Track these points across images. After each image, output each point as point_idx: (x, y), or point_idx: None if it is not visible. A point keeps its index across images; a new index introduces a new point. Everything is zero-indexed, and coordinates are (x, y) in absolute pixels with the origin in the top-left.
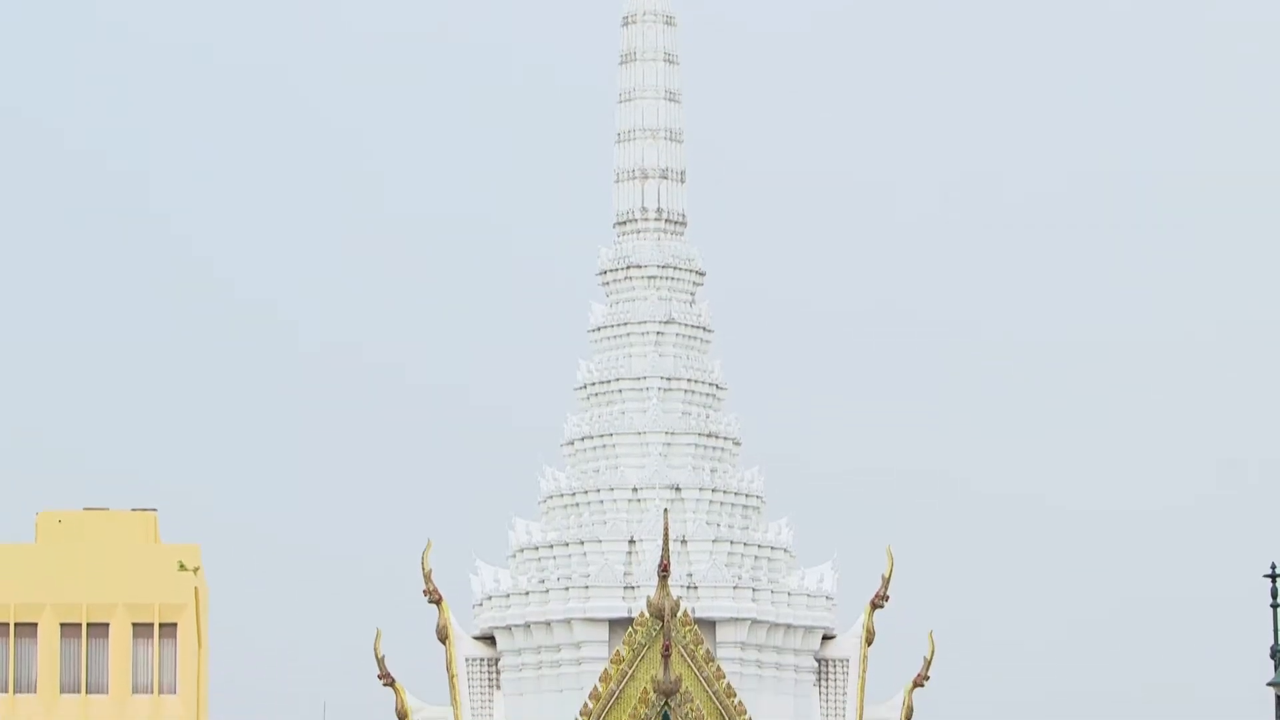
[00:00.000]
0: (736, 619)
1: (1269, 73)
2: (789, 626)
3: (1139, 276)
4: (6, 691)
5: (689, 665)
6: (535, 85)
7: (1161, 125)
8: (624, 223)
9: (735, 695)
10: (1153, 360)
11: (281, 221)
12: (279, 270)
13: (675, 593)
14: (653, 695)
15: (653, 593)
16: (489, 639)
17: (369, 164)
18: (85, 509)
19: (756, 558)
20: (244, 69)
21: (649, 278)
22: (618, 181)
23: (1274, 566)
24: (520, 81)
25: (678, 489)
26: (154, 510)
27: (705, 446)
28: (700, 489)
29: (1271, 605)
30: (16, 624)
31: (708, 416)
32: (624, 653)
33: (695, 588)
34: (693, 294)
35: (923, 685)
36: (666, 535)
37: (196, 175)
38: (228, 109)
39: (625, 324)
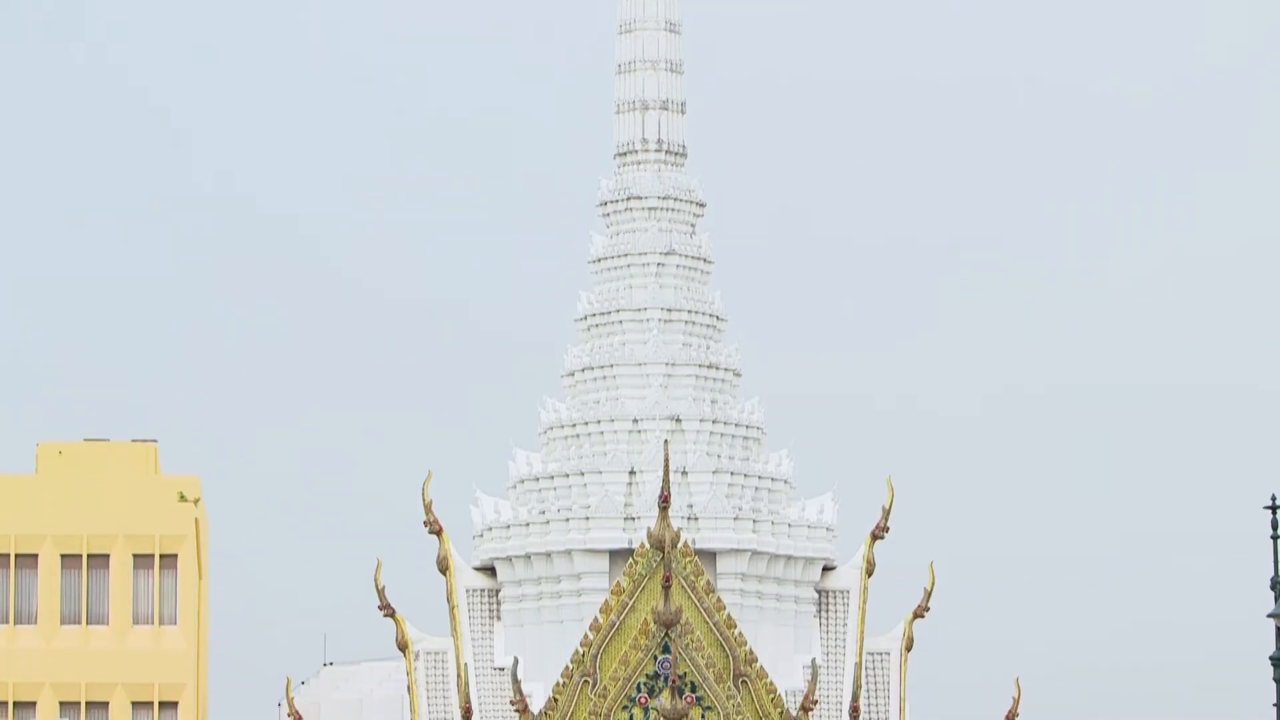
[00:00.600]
0: (737, 550)
1: None
2: (789, 558)
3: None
4: (7, 623)
5: (689, 596)
6: (537, 16)
7: None
8: (624, 154)
9: (736, 626)
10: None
11: (288, 143)
12: (282, 195)
13: (675, 524)
14: (653, 626)
15: (653, 524)
16: (489, 570)
17: (376, 85)
18: (85, 440)
19: (757, 489)
20: None
21: (649, 209)
22: (618, 113)
23: (1274, 498)
24: (522, 13)
25: (678, 420)
26: (154, 441)
27: (705, 378)
28: (700, 420)
29: (1272, 537)
30: (17, 555)
31: (708, 348)
32: (624, 584)
33: (696, 519)
34: (693, 225)
35: (923, 616)
36: (667, 466)
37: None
38: (238, 24)
39: (626, 255)
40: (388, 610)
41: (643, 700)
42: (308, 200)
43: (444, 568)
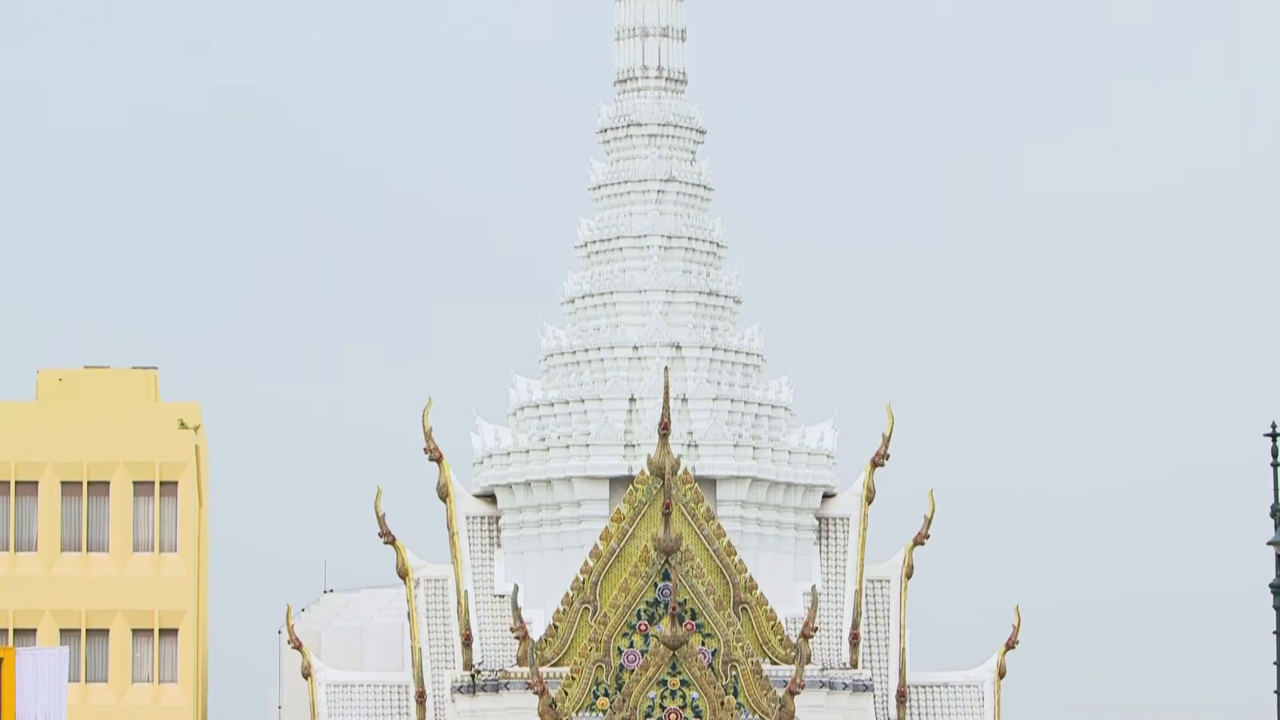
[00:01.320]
0: (737, 477)
1: None
2: (789, 485)
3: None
4: (7, 550)
5: (689, 523)
6: None
7: None
8: (624, 81)
9: (735, 553)
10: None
11: (298, 64)
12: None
13: (675, 451)
14: (653, 553)
15: (653, 451)
16: (489, 497)
17: (387, 9)
18: (85, 367)
19: (757, 416)
20: None
21: (649, 136)
22: (618, 40)
23: (1274, 426)
24: None
25: (678, 347)
26: (154, 368)
27: (705, 305)
28: (701, 347)
29: (1272, 464)
30: (17, 482)
31: (708, 275)
32: (624, 511)
33: (695, 446)
34: (693, 152)
35: (923, 544)
36: (667, 393)
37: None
38: None
39: (626, 182)
40: (388, 537)
41: (643, 627)
42: (313, 122)
43: (444, 495)
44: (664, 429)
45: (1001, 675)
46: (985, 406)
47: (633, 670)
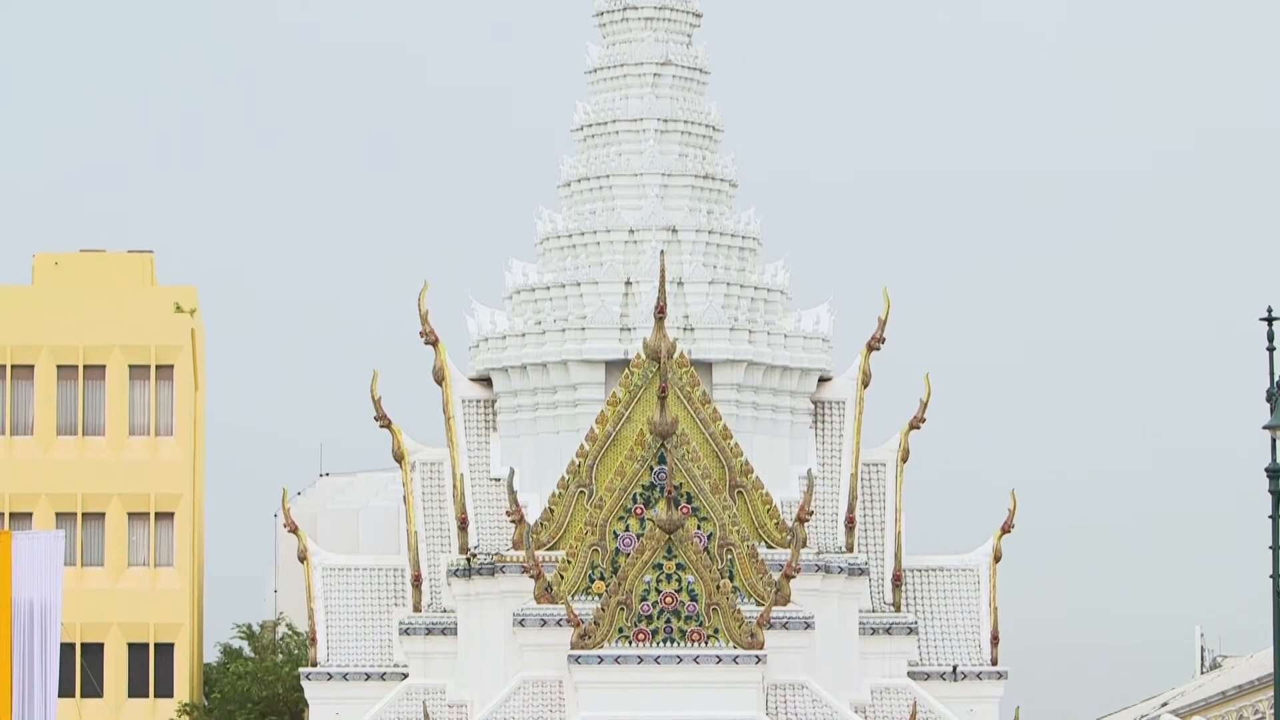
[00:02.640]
0: (733, 361)
1: None
2: (785, 369)
3: None
4: (4, 433)
5: (685, 407)
6: None
7: None
8: None
9: (731, 437)
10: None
11: None
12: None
13: (671, 334)
14: (649, 437)
15: (649, 334)
16: (485, 381)
17: None
18: (81, 251)
19: (753, 300)
20: None
21: (645, 19)
22: None
23: (1269, 310)
24: None
25: (674, 231)
26: (150, 252)
27: (702, 189)
28: (697, 231)
29: (1268, 349)
30: (13, 366)
31: (704, 158)
32: (620, 395)
33: (692, 329)
34: (689, 35)
35: (919, 427)
36: (663, 277)
37: None
38: None
39: (622, 65)
40: (384, 421)
41: (638, 511)
42: (305, 9)
43: (440, 378)
44: (660, 312)
45: (997, 559)
46: (981, 284)
47: (628, 554)
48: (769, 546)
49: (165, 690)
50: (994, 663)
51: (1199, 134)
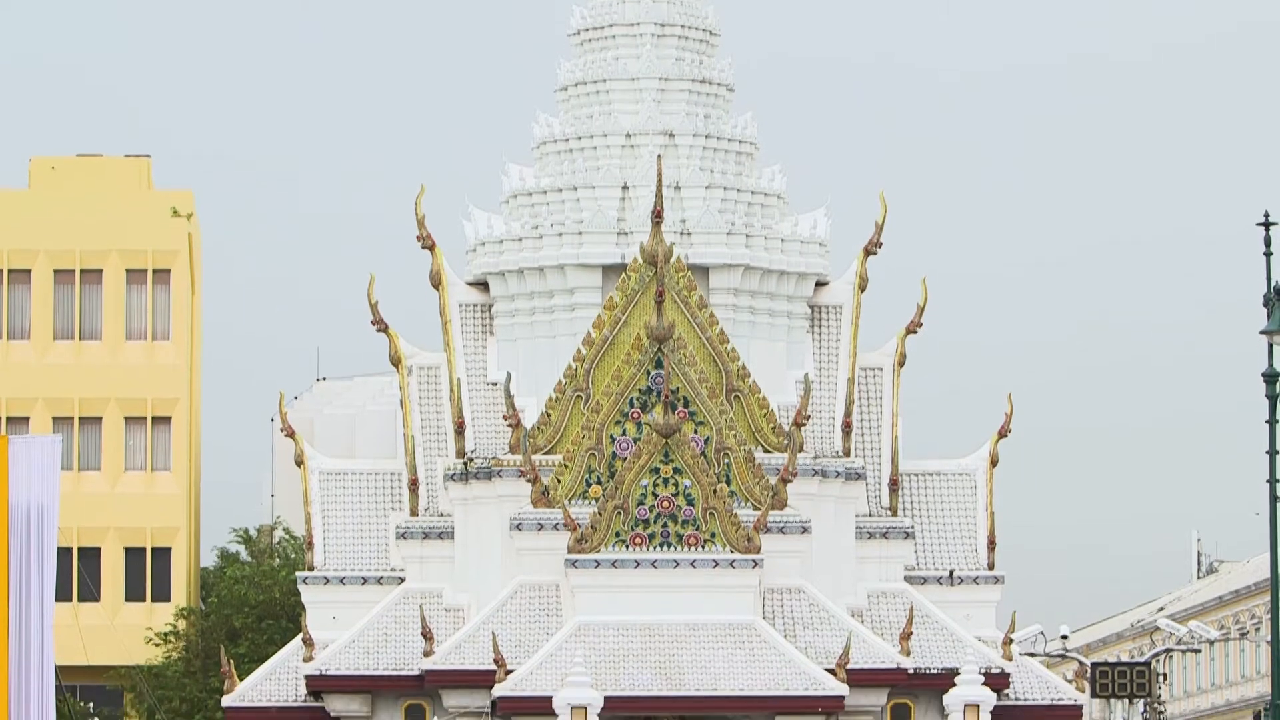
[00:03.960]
0: (729, 265)
1: None
2: (782, 273)
3: None
4: (0, 338)
5: (682, 311)
6: None
7: None
8: None
9: (728, 341)
10: None
11: None
12: None
13: (668, 239)
14: (646, 341)
15: (646, 239)
16: (482, 285)
17: None
18: (78, 155)
19: (750, 204)
20: None
21: None
22: None
23: (1266, 215)
24: None
25: (671, 135)
26: (147, 156)
27: (699, 93)
28: (694, 135)
29: (1265, 253)
30: (10, 270)
31: (701, 63)
32: (617, 299)
33: (688, 234)
34: None
35: (916, 332)
36: (660, 181)
37: None
38: None
39: None
40: (381, 325)
41: (635, 415)
42: None
43: (437, 282)
44: (657, 217)
45: (994, 463)
46: (978, 188)
47: (625, 458)
48: (766, 451)
49: (162, 594)
50: (991, 567)
51: (1203, 32)
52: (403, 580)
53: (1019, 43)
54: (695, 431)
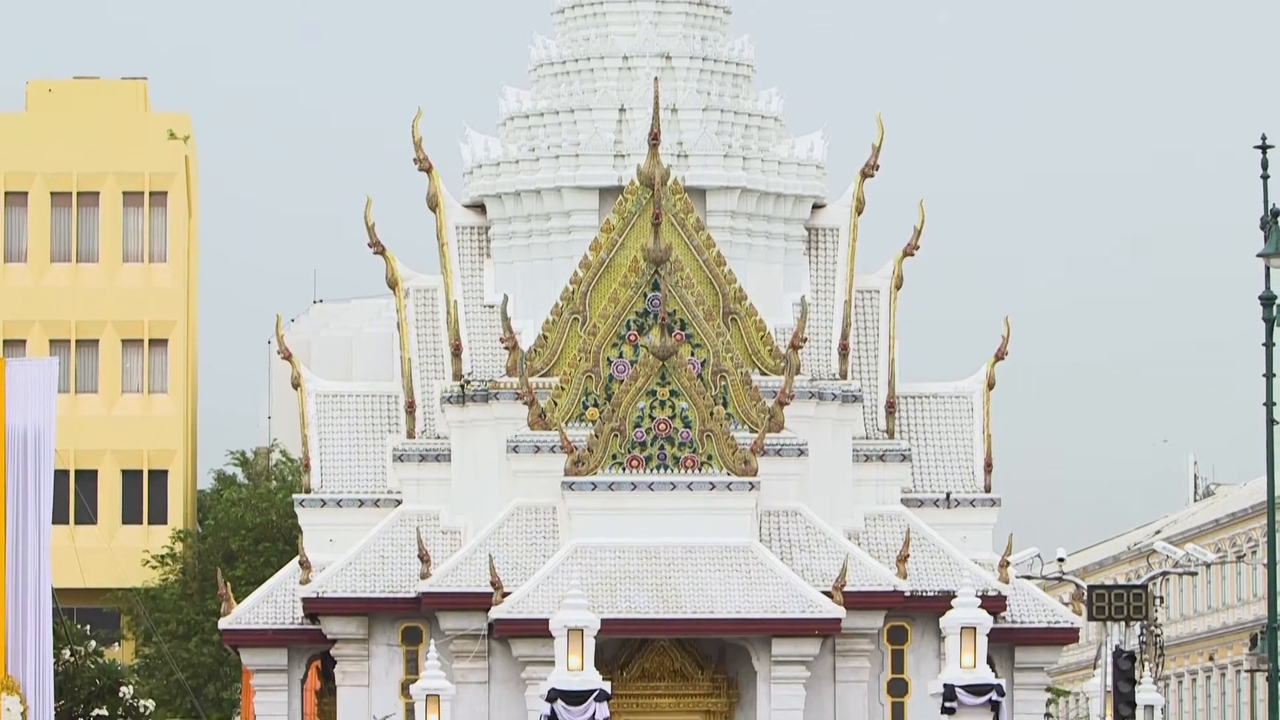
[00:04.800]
0: (726, 188)
1: None
2: (779, 195)
3: None
4: None
5: (679, 234)
6: None
7: None
8: None
9: (725, 264)
10: None
11: None
12: None
13: (665, 161)
14: (643, 264)
15: (643, 161)
16: (479, 207)
17: None
18: (75, 77)
19: (747, 126)
20: None
21: None
22: None
23: (1263, 138)
24: None
25: (668, 57)
26: (144, 79)
27: (695, 15)
28: (691, 57)
29: (1262, 177)
30: (7, 193)
31: None
32: (614, 221)
33: (685, 156)
34: None
35: (913, 254)
36: (657, 104)
37: None
38: None
39: None
40: (377, 247)
41: (632, 337)
42: None
43: (434, 205)
44: (654, 139)
45: (991, 386)
46: (976, 111)
47: (622, 380)
48: (762, 373)
49: (159, 517)
50: (987, 490)
51: None
52: (399, 503)
53: None
54: (692, 354)
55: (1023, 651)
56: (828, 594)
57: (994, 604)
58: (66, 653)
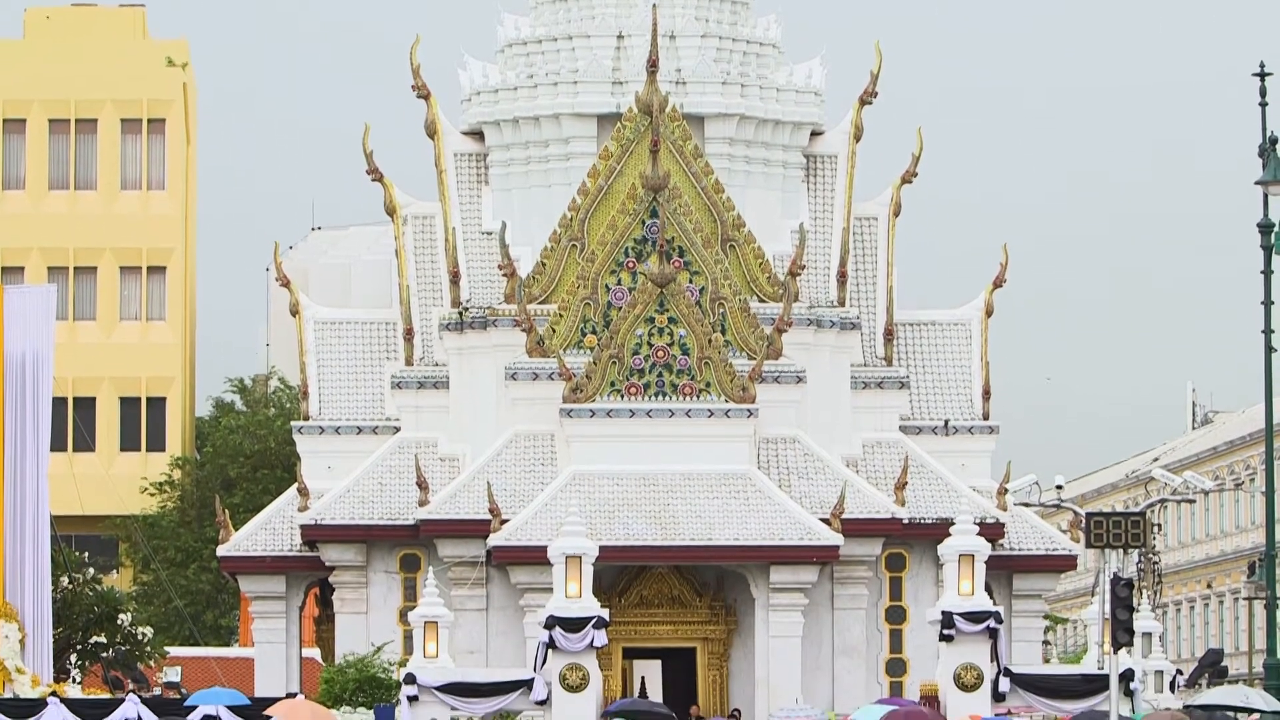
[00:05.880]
0: (725, 114)
1: None
2: (777, 122)
3: None
4: None
5: (677, 161)
6: None
7: None
8: None
9: (723, 191)
10: None
11: None
12: None
13: (664, 88)
14: (641, 191)
15: (641, 88)
16: (477, 134)
17: None
18: (73, 4)
19: (745, 53)
20: None
21: None
22: None
23: (1262, 65)
24: None
25: None
26: (142, 5)
27: None
28: None
29: (1260, 104)
30: (5, 120)
31: None
32: (612, 148)
33: (683, 83)
34: None
35: (911, 181)
36: (655, 30)
37: None
38: None
39: None
40: (376, 174)
41: (630, 264)
42: None
43: (432, 132)
44: (652, 66)
45: (989, 313)
46: (974, 35)
47: (620, 307)
48: (761, 300)
49: (157, 444)
50: (985, 417)
51: None
52: (398, 430)
53: None
54: (690, 281)
55: (1020, 579)
56: (826, 521)
57: (992, 531)
58: (65, 580)
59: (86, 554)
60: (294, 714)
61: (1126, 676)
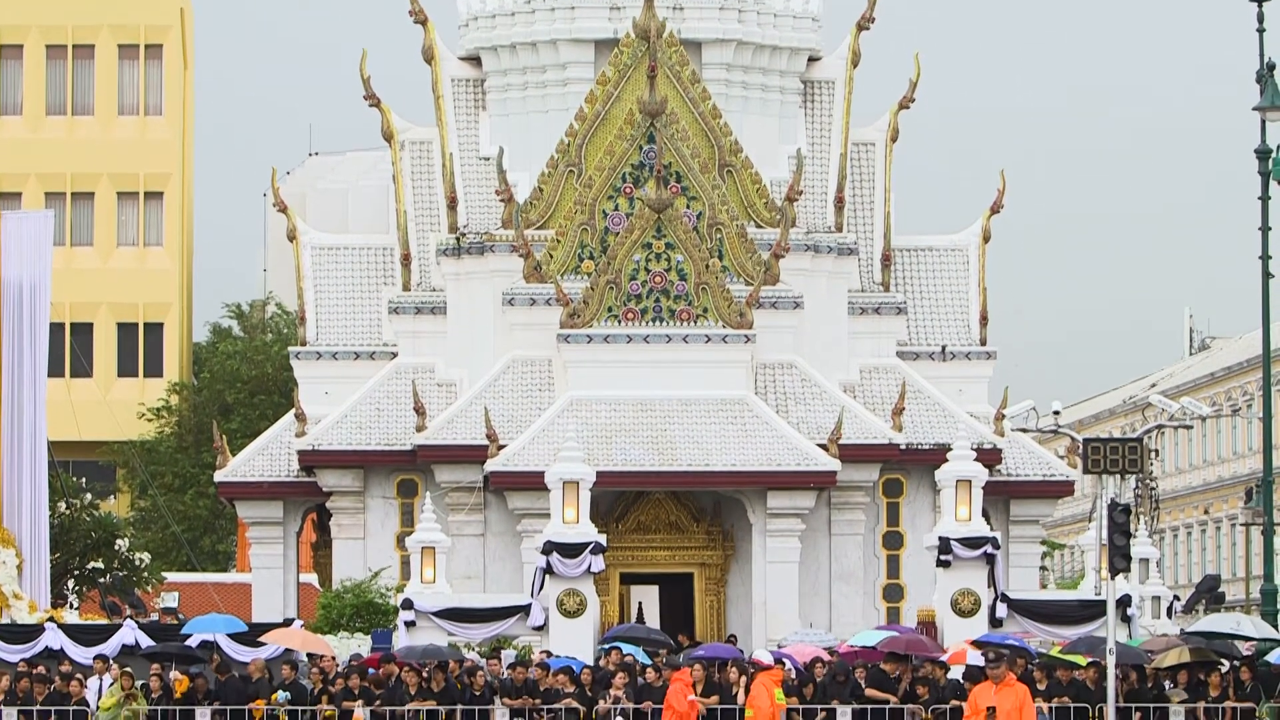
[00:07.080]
0: (722, 40)
1: None
2: (774, 48)
3: None
4: None
5: (674, 86)
6: None
7: None
8: None
9: (721, 116)
10: None
11: None
12: None
13: (661, 13)
14: (638, 116)
15: (638, 13)
16: (475, 60)
17: None
18: None
19: None
20: None
21: None
22: None
23: None
24: None
25: None
26: None
27: None
28: None
29: (1258, 29)
30: (2, 46)
31: None
32: (609, 74)
33: (681, 9)
34: None
35: (908, 107)
36: None
37: None
38: None
39: None
40: (373, 100)
41: (628, 190)
42: None
43: (429, 57)
44: None
45: (986, 239)
46: None
47: (618, 233)
48: (758, 226)
49: (154, 370)
50: (983, 343)
51: None
52: (395, 355)
53: None
54: (688, 206)
55: (1018, 504)
56: (823, 447)
57: (989, 457)
58: (62, 505)
59: (84, 480)
60: (286, 640)
61: (1124, 602)
